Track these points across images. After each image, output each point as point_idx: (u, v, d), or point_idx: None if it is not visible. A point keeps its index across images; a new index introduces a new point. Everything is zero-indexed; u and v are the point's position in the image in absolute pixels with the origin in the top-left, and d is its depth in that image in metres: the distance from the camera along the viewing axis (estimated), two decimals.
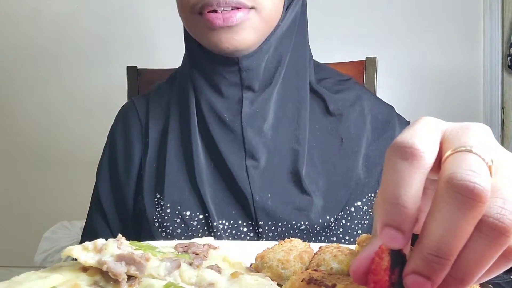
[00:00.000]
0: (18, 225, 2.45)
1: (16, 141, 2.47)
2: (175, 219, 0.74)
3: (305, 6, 0.80)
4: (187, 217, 0.74)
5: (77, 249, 0.39)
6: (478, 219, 0.28)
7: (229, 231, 0.74)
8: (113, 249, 0.39)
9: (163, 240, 0.73)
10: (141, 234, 0.78)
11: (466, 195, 0.27)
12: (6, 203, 2.47)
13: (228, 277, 0.42)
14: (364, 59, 1.10)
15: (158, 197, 0.76)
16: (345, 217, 0.74)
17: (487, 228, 0.28)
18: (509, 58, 2.38)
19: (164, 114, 0.82)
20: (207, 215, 0.73)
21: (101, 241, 0.40)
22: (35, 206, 2.45)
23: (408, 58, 2.43)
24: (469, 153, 0.29)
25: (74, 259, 0.40)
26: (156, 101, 0.84)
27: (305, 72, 0.78)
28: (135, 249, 0.41)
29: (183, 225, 0.73)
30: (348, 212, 0.74)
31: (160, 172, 0.78)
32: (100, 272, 0.39)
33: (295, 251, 0.48)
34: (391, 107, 0.83)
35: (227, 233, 0.73)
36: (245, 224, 0.74)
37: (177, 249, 0.46)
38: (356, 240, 0.65)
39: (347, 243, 0.74)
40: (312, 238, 0.73)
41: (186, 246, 0.47)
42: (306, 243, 0.52)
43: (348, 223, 0.74)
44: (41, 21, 2.44)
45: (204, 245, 0.47)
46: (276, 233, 0.73)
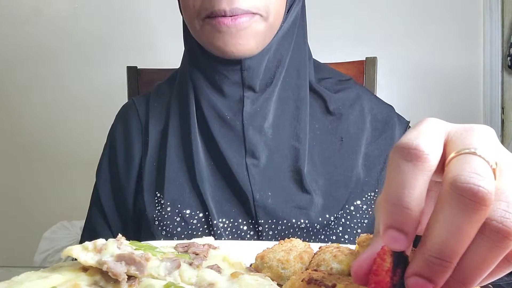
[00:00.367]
0: (18, 225, 2.45)
1: (16, 141, 2.47)
2: (175, 218, 0.74)
3: (304, 6, 0.80)
4: (187, 216, 0.74)
5: (77, 249, 0.39)
6: (481, 222, 0.28)
7: (229, 229, 0.74)
8: (113, 249, 0.39)
9: (163, 238, 0.73)
10: (141, 233, 0.78)
11: (470, 198, 0.27)
12: (6, 203, 2.47)
13: (228, 277, 0.42)
14: (364, 59, 1.10)
15: (158, 195, 0.76)
16: (345, 216, 0.74)
17: (491, 231, 0.28)
18: (509, 58, 2.38)
19: (164, 113, 0.82)
20: (207, 213, 0.73)
21: (101, 241, 0.40)
22: (35, 206, 2.45)
23: (408, 58, 2.43)
24: (473, 155, 0.29)
25: (74, 259, 0.40)
26: (156, 101, 0.84)
27: (305, 71, 0.78)
28: (135, 249, 0.41)
29: (183, 224, 0.74)
30: (347, 211, 0.74)
31: (160, 170, 0.78)
32: (100, 272, 0.39)
33: (295, 251, 0.48)
34: (391, 107, 0.84)
35: (227, 232, 0.73)
36: (245, 222, 0.74)
37: (177, 249, 0.46)
38: (355, 239, 0.65)
39: (346, 242, 0.74)
40: (312, 236, 0.73)
41: (186, 246, 0.47)
42: (306, 243, 0.52)
43: (347, 222, 0.74)
44: (41, 20, 2.44)
45: (204, 245, 0.47)
46: (276, 232, 0.73)
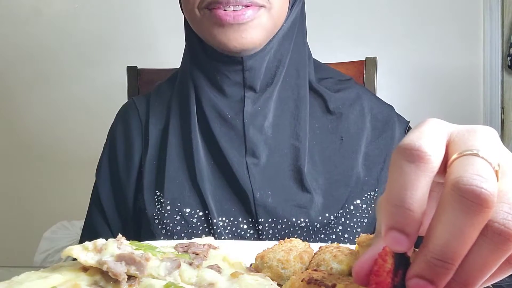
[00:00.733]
0: (18, 225, 2.45)
1: (16, 141, 2.47)
2: (175, 216, 0.74)
3: (304, 6, 0.80)
4: (187, 214, 0.74)
5: (77, 249, 0.39)
6: (483, 224, 0.28)
7: (229, 228, 0.74)
8: (113, 249, 0.39)
9: (163, 237, 0.73)
10: (141, 232, 0.78)
11: (472, 200, 0.27)
12: (6, 203, 2.47)
13: (228, 277, 0.42)
14: (364, 59, 1.10)
15: (158, 194, 0.76)
16: (345, 215, 0.74)
17: (493, 233, 0.28)
18: (509, 58, 2.38)
19: (164, 112, 0.82)
20: (207, 212, 0.74)
21: (101, 241, 0.40)
22: (35, 206, 2.45)
23: (408, 58, 2.43)
24: (476, 157, 0.29)
25: (74, 259, 0.40)
26: (156, 100, 0.84)
27: (305, 71, 0.78)
28: (135, 249, 0.41)
29: (183, 222, 0.73)
30: (347, 210, 0.75)
31: (160, 169, 0.78)
32: (100, 272, 0.39)
33: (295, 251, 0.48)
34: (391, 107, 0.84)
35: (227, 230, 0.73)
36: (245, 221, 0.74)
37: (177, 249, 0.46)
38: (355, 238, 0.65)
39: (346, 241, 0.74)
40: (312, 235, 0.73)
41: (186, 246, 0.47)
42: (306, 243, 0.52)
43: (347, 221, 0.74)
44: (41, 20, 2.44)
45: (204, 245, 0.47)
46: (276, 231, 0.73)
